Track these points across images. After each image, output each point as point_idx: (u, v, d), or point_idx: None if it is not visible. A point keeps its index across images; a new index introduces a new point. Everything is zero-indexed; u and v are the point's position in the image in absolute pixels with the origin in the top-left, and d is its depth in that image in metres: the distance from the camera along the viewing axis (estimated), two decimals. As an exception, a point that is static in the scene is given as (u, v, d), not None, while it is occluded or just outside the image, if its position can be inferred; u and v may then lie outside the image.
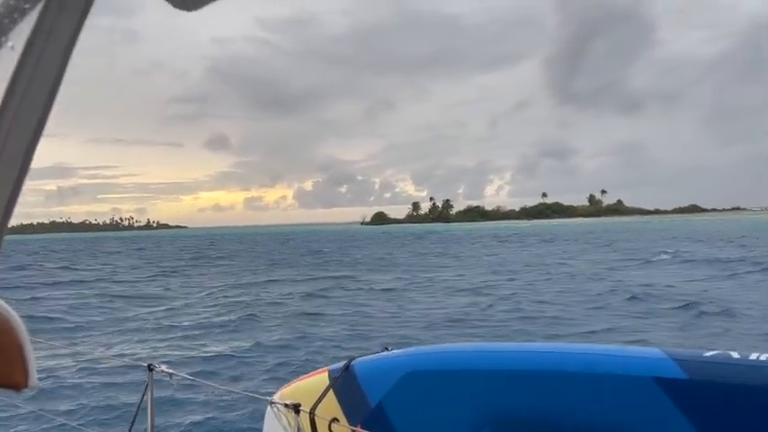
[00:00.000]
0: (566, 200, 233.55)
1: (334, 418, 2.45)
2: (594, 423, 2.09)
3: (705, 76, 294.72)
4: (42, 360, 9.34)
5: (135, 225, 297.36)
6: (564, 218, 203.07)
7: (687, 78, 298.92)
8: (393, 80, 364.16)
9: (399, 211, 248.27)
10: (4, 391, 0.68)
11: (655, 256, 31.44)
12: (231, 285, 22.94)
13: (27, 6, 0.56)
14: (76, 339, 12.62)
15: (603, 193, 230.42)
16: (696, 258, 28.60)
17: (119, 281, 26.10)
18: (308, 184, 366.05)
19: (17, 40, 0.58)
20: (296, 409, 2.32)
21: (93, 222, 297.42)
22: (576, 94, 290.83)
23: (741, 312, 13.59)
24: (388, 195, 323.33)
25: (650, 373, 2.00)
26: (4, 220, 0.58)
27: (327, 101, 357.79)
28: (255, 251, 52.99)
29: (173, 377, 2.69)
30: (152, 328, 13.86)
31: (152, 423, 2.74)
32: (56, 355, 9.82)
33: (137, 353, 11.09)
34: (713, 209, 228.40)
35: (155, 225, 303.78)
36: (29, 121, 0.58)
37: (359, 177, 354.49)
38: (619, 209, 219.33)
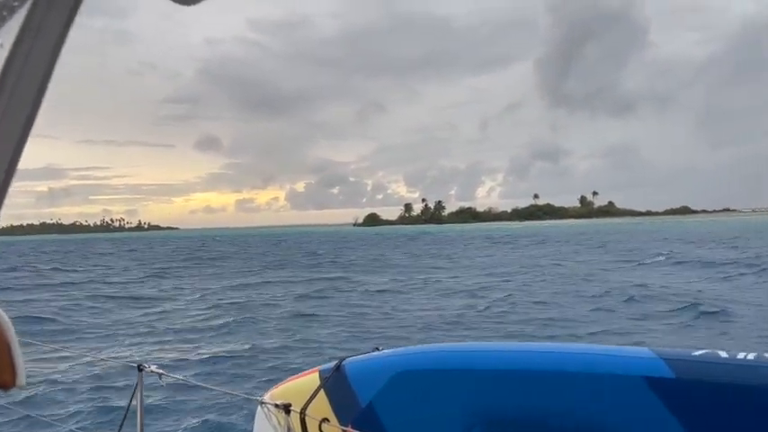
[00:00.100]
0: (557, 201, 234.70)
1: (325, 418, 2.45)
2: (584, 422, 2.09)
3: (696, 78, 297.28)
4: (31, 361, 9.22)
5: (126, 226, 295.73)
6: (555, 219, 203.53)
7: (678, 81, 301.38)
8: (384, 82, 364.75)
9: (391, 212, 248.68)
10: None
11: (649, 257, 31.45)
12: (225, 287, 22.81)
13: (16, 4, 0.56)
14: (67, 341, 12.46)
15: (595, 194, 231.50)
16: (691, 260, 28.63)
17: (111, 282, 25.87)
18: (299, 186, 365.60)
19: (6, 37, 0.57)
20: (286, 409, 2.31)
21: (84, 224, 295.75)
22: (568, 96, 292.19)
23: (737, 313, 13.61)
24: (380, 197, 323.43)
25: (639, 373, 2.00)
26: None
27: (319, 102, 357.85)
28: (249, 253, 52.74)
29: (162, 378, 2.68)
30: (145, 331, 13.73)
31: (141, 424, 2.72)
32: (45, 355, 9.69)
33: (130, 355, 10.97)
34: (704, 210, 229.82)
35: (146, 226, 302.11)
36: (17, 119, 0.58)
37: (351, 179, 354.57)
38: (610, 210, 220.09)
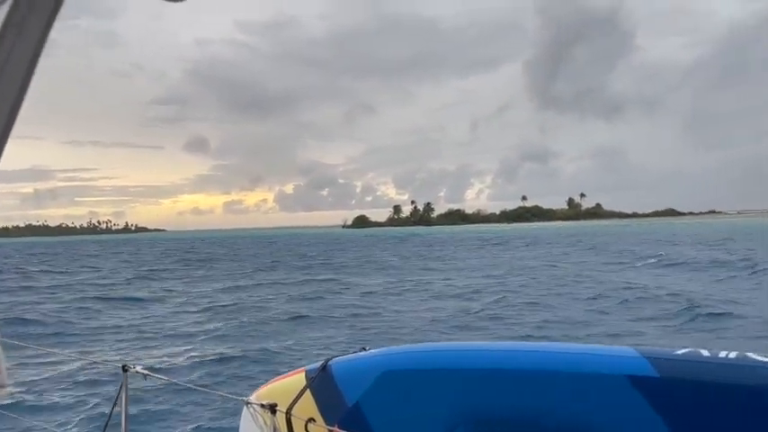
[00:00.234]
0: (545, 203, 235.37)
1: (311, 418, 2.46)
2: (568, 421, 2.10)
3: (683, 81, 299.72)
4: (16, 362, 9.11)
5: (113, 228, 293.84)
6: (543, 221, 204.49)
7: (666, 84, 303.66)
8: (373, 83, 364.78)
9: (380, 214, 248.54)
10: None
11: (641, 259, 31.51)
12: (216, 290, 22.55)
13: None
14: (53, 343, 12.19)
15: (582, 196, 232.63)
16: (685, 261, 28.69)
17: (99, 284, 25.43)
18: (288, 188, 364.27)
19: None
20: (272, 409, 2.31)
21: (71, 226, 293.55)
22: (557, 98, 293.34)
23: (738, 314, 13.57)
24: (369, 199, 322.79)
25: (624, 372, 2.01)
26: None
27: (307, 104, 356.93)
28: (239, 255, 52.35)
29: (148, 378, 2.67)
30: (133, 333, 13.52)
31: (126, 425, 2.70)
32: (29, 356, 9.45)
33: (120, 358, 10.70)
34: (690, 212, 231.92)
35: (133, 228, 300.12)
36: None
37: (340, 181, 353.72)
38: (597, 212, 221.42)
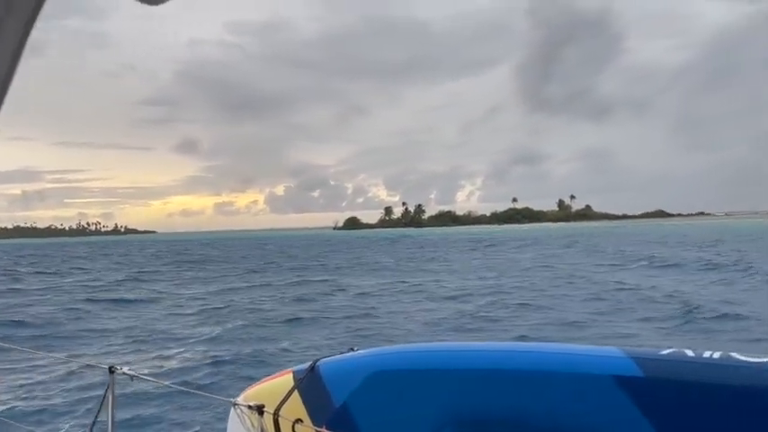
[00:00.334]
0: (535, 205, 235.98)
1: (299, 419, 2.46)
2: (555, 421, 2.10)
3: (672, 84, 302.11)
4: (1, 363, 8.86)
5: (102, 230, 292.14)
6: (534, 222, 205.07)
7: (655, 86, 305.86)
8: (365, 85, 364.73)
9: (372, 215, 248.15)
10: None
11: (634, 261, 31.42)
12: (209, 292, 22.31)
13: None
14: (42, 346, 11.99)
15: (572, 198, 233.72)
16: (679, 263, 28.66)
17: (91, 286, 25.12)
18: (279, 189, 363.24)
19: None
20: (259, 410, 2.31)
21: (60, 227, 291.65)
22: (547, 101, 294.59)
23: (729, 314, 13.56)
24: (360, 200, 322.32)
25: (609, 372, 2.01)
26: None
27: (299, 105, 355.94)
28: (231, 257, 51.91)
29: (135, 380, 2.65)
30: (124, 335, 13.37)
31: (113, 426, 2.67)
32: (13, 359, 9.28)
33: (117, 362, 10.52)
34: (679, 214, 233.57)
35: (122, 230, 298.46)
36: None
37: (331, 182, 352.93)
38: (587, 214, 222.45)
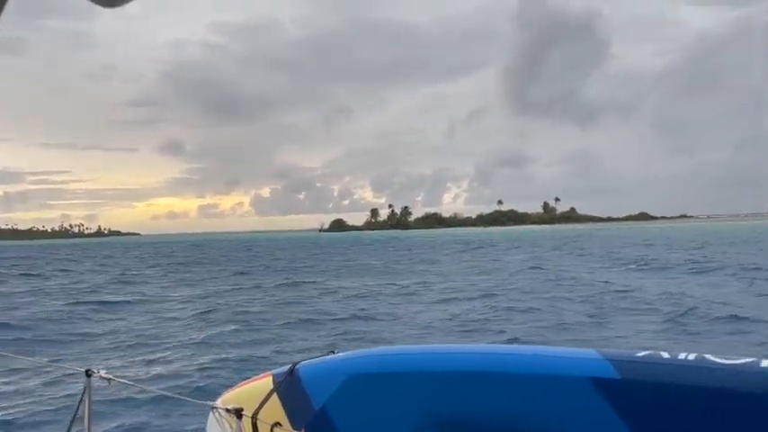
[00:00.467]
0: (520, 207, 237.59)
1: (277, 423, 2.43)
2: (532, 423, 2.11)
3: (655, 88, 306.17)
4: None
5: (85, 232, 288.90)
6: (519, 225, 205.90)
7: (638, 91, 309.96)
8: (351, 87, 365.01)
9: (358, 218, 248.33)
10: None
11: (626, 263, 31.51)
12: (194, 295, 22.03)
13: None
14: (20, 350, 11.75)
15: (557, 200, 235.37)
16: (671, 265, 28.74)
17: (74, 289, 24.71)
18: (264, 191, 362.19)
19: None
20: (238, 413, 2.30)
21: (41, 229, 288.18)
22: (533, 104, 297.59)
23: (736, 316, 13.60)
24: (346, 202, 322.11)
25: (586, 374, 2.02)
26: None
27: (284, 107, 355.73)
28: (218, 259, 51.27)
29: (112, 383, 2.62)
30: (108, 338, 13.15)
31: (89, 430, 2.62)
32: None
33: (106, 365, 10.32)
34: (662, 216, 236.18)
35: (106, 232, 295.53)
36: None
37: (317, 184, 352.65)
38: (572, 216, 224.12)
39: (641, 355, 2.02)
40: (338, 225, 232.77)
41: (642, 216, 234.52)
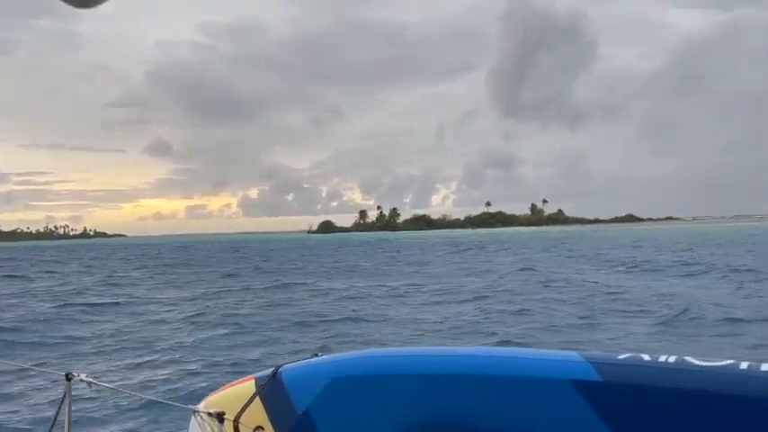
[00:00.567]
0: (509, 209, 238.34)
1: (260, 426, 2.42)
2: (515, 425, 2.11)
3: (642, 90, 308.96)
4: None
5: (70, 234, 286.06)
6: (507, 227, 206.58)
7: (626, 93, 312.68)
8: (339, 88, 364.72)
9: (346, 219, 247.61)
10: None
11: (616, 264, 31.59)
12: (183, 297, 21.79)
13: None
14: (7, 354, 11.55)
15: (545, 202, 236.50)
16: (663, 267, 28.83)
17: (60, 291, 24.34)
18: (252, 192, 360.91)
19: None
20: (220, 417, 2.29)
21: (26, 231, 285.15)
22: (521, 106, 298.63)
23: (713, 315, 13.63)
24: (335, 204, 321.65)
25: (568, 376, 2.02)
26: None
27: (273, 108, 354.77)
28: (206, 261, 50.82)
29: (93, 386, 2.58)
30: (96, 342, 12.97)
31: None
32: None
33: (76, 367, 10.10)
34: (649, 218, 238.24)
35: (91, 233, 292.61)
36: None
37: (305, 186, 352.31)
38: (559, 218, 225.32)
39: (622, 357, 2.02)
40: (327, 227, 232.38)
41: (629, 218, 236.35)
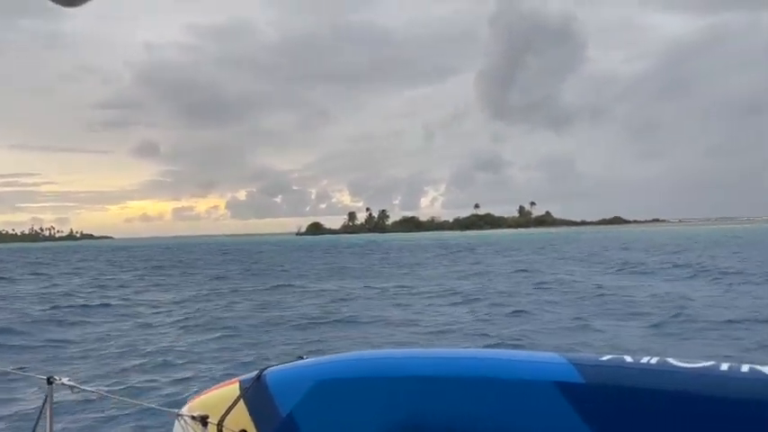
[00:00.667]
0: (497, 211, 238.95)
1: (243, 430, 2.41)
2: (498, 427, 2.11)
3: (629, 93, 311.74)
4: None
5: (56, 236, 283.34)
6: (495, 228, 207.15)
7: (612, 95, 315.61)
8: (328, 90, 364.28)
9: (335, 221, 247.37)
10: None
11: (610, 266, 31.71)
12: (172, 300, 21.55)
13: None
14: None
15: (533, 204, 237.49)
16: (653, 269, 28.87)
17: (51, 294, 23.96)
18: (241, 194, 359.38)
19: None
20: (203, 421, 2.28)
21: (11, 233, 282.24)
22: (509, 108, 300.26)
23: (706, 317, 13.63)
24: (323, 206, 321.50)
25: (551, 378, 2.04)
26: None
27: (261, 110, 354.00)
28: (195, 263, 50.33)
29: (75, 390, 2.55)
30: (82, 346, 12.74)
31: None
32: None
33: (51, 370, 9.89)
34: (635, 220, 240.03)
35: (78, 235, 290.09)
36: None
37: (294, 188, 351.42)
38: (547, 220, 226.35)
39: (605, 359, 2.04)
40: (315, 228, 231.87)
41: (616, 220, 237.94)
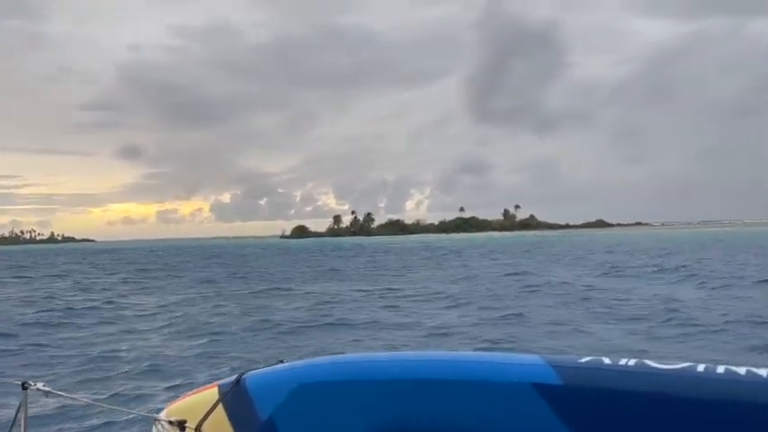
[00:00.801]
0: (481, 214, 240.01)
1: None
2: (478, 429, 2.12)
3: (613, 98, 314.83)
4: None
5: (37, 239, 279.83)
6: (480, 231, 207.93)
7: (596, 100, 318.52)
8: (313, 93, 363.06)
9: (320, 224, 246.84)
10: None
11: (597, 268, 31.87)
12: (156, 304, 21.28)
13: None
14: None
15: (517, 207, 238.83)
16: (640, 272, 29.04)
17: (35, 297, 23.48)
18: (225, 197, 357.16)
19: None
20: (181, 426, 2.27)
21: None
22: (494, 112, 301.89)
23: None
24: (308, 209, 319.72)
25: (529, 380, 2.04)
26: None
27: (246, 112, 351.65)
28: (180, 266, 49.74)
29: (50, 396, 2.52)
30: (64, 351, 12.47)
31: None
32: None
33: (31, 376, 9.64)
34: (618, 223, 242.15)
35: (59, 238, 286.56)
36: None
37: (279, 190, 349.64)
38: (531, 223, 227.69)
39: (583, 360, 2.05)
40: (300, 231, 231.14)
41: (599, 223, 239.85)
